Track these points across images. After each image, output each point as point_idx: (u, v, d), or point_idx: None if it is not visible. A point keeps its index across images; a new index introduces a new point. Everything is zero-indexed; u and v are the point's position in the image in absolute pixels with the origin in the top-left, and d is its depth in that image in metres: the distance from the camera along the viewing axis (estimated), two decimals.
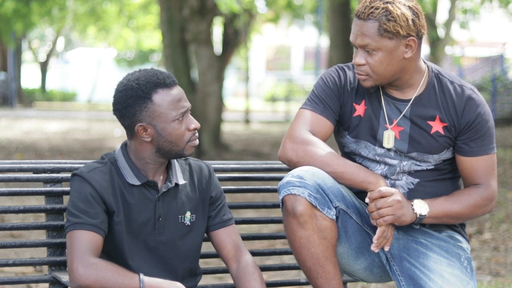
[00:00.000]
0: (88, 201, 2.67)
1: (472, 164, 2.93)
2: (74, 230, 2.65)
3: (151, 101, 2.70)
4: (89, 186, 2.69)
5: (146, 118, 2.71)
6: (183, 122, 2.73)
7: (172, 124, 2.71)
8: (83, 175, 2.71)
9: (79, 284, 2.59)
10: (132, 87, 2.71)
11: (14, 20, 20.12)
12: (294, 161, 2.89)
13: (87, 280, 2.58)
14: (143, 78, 2.72)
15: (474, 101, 2.92)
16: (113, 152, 2.83)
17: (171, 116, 2.71)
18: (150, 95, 2.70)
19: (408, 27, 2.82)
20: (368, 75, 2.88)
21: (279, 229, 6.27)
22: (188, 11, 12.97)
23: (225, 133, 15.95)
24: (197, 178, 2.89)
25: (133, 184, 2.75)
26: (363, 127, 2.96)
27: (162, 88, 2.71)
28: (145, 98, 2.70)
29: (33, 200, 7.55)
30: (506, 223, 7.59)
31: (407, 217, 2.82)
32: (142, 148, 2.76)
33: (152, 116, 2.70)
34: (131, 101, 2.71)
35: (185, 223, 2.83)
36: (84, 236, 2.64)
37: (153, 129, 2.72)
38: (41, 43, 42.40)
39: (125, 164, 2.76)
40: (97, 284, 2.58)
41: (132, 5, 24.34)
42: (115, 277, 2.59)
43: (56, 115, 25.17)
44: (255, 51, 38.65)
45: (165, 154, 2.75)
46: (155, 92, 2.70)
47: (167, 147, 2.73)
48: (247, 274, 2.82)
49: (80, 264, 2.60)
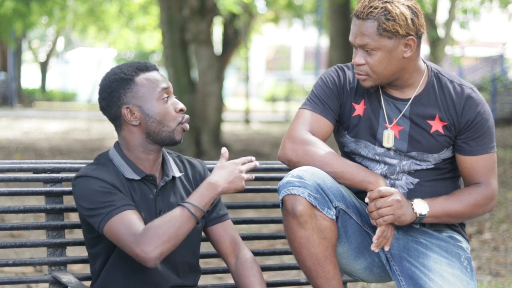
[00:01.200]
0: (106, 192, 2.68)
1: (472, 163, 2.93)
2: (114, 217, 2.64)
3: (134, 82, 2.76)
4: (99, 180, 2.69)
5: (131, 99, 2.76)
6: (168, 102, 2.78)
7: (157, 103, 2.75)
8: (88, 174, 2.71)
9: (154, 262, 2.61)
10: (114, 73, 2.80)
11: (14, 20, 20.11)
12: (294, 161, 2.89)
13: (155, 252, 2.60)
14: (124, 65, 2.81)
15: (473, 100, 2.92)
16: (107, 153, 2.83)
17: (154, 94, 2.76)
18: (132, 77, 2.76)
19: (407, 27, 2.82)
20: (368, 75, 2.88)
21: (279, 229, 6.27)
22: (188, 11, 12.97)
23: (225, 133, 15.96)
24: (191, 173, 2.91)
25: (132, 179, 2.76)
26: (362, 126, 2.96)
27: (143, 71, 2.78)
28: (127, 80, 2.76)
29: (33, 200, 7.56)
30: (506, 223, 7.59)
31: (407, 217, 2.82)
32: (132, 136, 2.78)
33: (136, 96, 2.75)
34: (115, 84, 2.77)
35: None
36: (127, 215, 2.65)
37: (139, 110, 2.75)
38: (41, 43, 42.40)
39: (121, 161, 2.78)
40: (165, 245, 2.61)
41: (132, 5, 24.33)
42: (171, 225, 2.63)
43: (56, 115, 25.17)
44: (255, 51, 38.63)
45: (155, 138, 2.76)
46: (136, 74, 2.77)
47: (156, 129, 2.75)
48: (246, 269, 2.84)
49: (142, 245, 2.59)
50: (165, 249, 2.61)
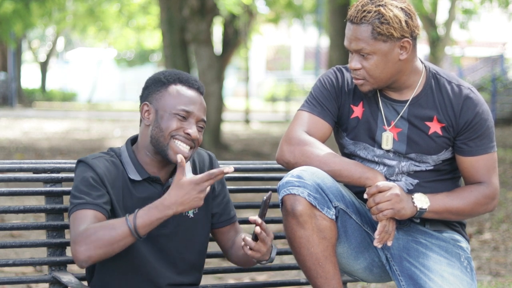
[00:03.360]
0: (90, 184, 2.69)
1: (472, 164, 2.93)
2: (76, 211, 2.65)
3: (166, 88, 2.78)
4: (92, 170, 2.71)
5: (153, 100, 2.78)
6: (182, 123, 2.74)
7: (170, 116, 2.74)
8: (87, 161, 2.74)
9: (81, 264, 2.59)
10: (158, 74, 2.84)
11: (13, 20, 20.10)
12: (292, 162, 2.90)
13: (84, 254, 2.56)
14: (170, 72, 2.83)
15: (472, 101, 2.91)
16: (119, 148, 2.85)
17: (174, 108, 2.74)
18: (168, 84, 2.78)
19: (401, 29, 2.82)
20: (365, 79, 2.88)
21: (279, 229, 6.26)
22: (188, 11, 12.97)
23: (225, 133, 15.96)
24: (199, 167, 2.91)
25: (134, 179, 2.77)
26: (361, 129, 2.96)
27: (183, 84, 2.79)
28: (163, 84, 2.79)
29: (33, 200, 7.55)
30: (506, 223, 7.59)
31: (407, 211, 2.81)
32: (143, 134, 2.80)
33: (159, 100, 2.77)
34: (151, 82, 2.82)
35: (189, 216, 2.84)
36: (86, 214, 2.64)
37: (154, 113, 2.76)
38: (41, 43, 42.40)
39: (128, 159, 2.79)
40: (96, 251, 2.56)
41: (132, 5, 24.33)
42: (106, 233, 2.56)
43: (56, 115, 25.16)
44: (255, 51, 38.65)
45: (154, 143, 2.75)
46: (174, 83, 2.78)
47: (156, 135, 2.74)
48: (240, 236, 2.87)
49: (76, 243, 2.57)
50: (94, 255, 2.57)
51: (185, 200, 2.56)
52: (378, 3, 2.81)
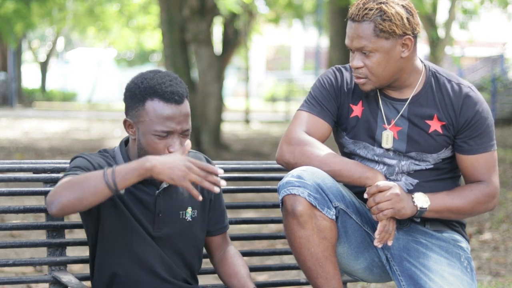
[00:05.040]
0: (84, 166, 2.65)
1: (472, 162, 2.93)
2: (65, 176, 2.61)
3: (142, 105, 2.67)
4: (88, 162, 2.68)
5: (133, 117, 2.70)
6: (164, 141, 2.66)
7: (151, 136, 2.66)
8: (83, 155, 2.72)
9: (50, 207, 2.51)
10: (136, 83, 2.70)
11: (14, 20, 20.11)
12: (291, 162, 2.89)
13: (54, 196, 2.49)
14: (148, 81, 2.68)
15: (471, 99, 2.92)
16: (113, 149, 2.83)
17: (152, 128, 2.65)
18: (143, 100, 2.67)
19: (403, 26, 2.82)
20: (367, 78, 2.87)
21: (279, 229, 6.27)
22: (188, 11, 12.97)
23: (225, 133, 15.95)
24: None
25: None
26: (361, 128, 2.96)
27: (160, 99, 2.65)
28: (138, 100, 2.68)
29: (33, 200, 7.55)
30: (506, 223, 7.59)
31: (407, 210, 2.81)
32: (132, 144, 2.78)
33: (138, 119, 2.69)
34: (128, 95, 2.71)
35: (186, 219, 2.83)
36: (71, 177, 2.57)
37: (136, 130, 2.71)
38: (41, 43, 42.40)
39: (122, 161, 2.77)
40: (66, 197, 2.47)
41: (132, 5, 24.33)
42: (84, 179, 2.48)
43: (56, 115, 25.16)
44: (255, 51, 38.64)
45: None
46: (151, 99, 2.66)
47: (142, 153, 2.70)
48: (235, 259, 2.86)
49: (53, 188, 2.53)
50: (66, 202, 2.47)
51: (168, 163, 2.45)
52: (380, 1, 2.82)
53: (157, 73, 2.72)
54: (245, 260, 2.92)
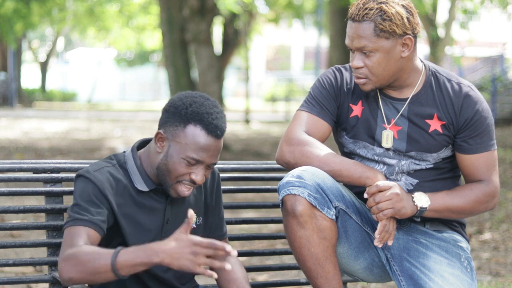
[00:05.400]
0: (90, 200, 2.64)
1: (472, 162, 2.93)
2: (71, 226, 2.60)
3: (184, 127, 2.65)
4: (93, 185, 2.65)
5: (169, 132, 2.67)
6: (191, 168, 2.67)
7: (180, 160, 2.65)
8: (88, 175, 2.67)
9: (63, 282, 2.51)
10: (184, 103, 2.67)
11: (14, 20, 20.10)
12: (291, 163, 2.90)
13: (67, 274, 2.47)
14: (198, 107, 2.67)
15: (471, 98, 2.92)
16: (123, 153, 2.80)
17: (186, 153, 2.65)
18: (187, 122, 2.65)
19: (403, 26, 2.82)
20: (367, 78, 2.88)
21: (279, 229, 6.26)
22: (188, 11, 12.97)
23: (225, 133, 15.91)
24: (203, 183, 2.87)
25: (141, 190, 2.73)
26: (360, 127, 2.96)
27: (202, 128, 2.65)
28: (182, 120, 2.66)
29: (33, 200, 7.56)
30: (506, 223, 7.59)
31: (408, 210, 2.81)
32: (155, 154, 2.72)
33: (174, 137, 2.66)
34: (172, 111, 2.68)
35: (192, 226, 2.82)
36: (80, 231, 2.58)
37: (167, 146, 2.68)
38: (41, 43, 42.40)
39: (134, 168, 2.74)
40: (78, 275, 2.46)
41: (132, 5, 24.34)
42: (91, 261, 2.46)
43: (56, 115, 25.16)
44: (255, 51, 38.65)
45: (160, 174, 2.70)
46: (194, 124, 2.65)
47: (163, 170, 2.68)
48: (234, 273, 2.83)
49: (63, 260, 2.50)
50: (75, 278, 2.48)
51: (175, 254, 2.36)
52: (380, 1, 2.82)
53: (207, 99, 2.70)
54: (245, 260, 2.92)
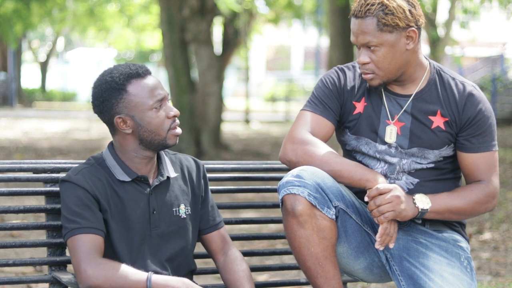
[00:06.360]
0: (81, 204, 2.68)
1: (473, 161, 2.93)
2: (73, 236, 2.66)
3: (126, 92, 2.74)
4: (80, 188, 2.70)
5: (124, 109, 2.74)
6: (161, 110, 2.76)
7: (149, 113, 2.74)
8: (72, 180, 2.72)
9: (89, 285, 2.60)
10: (106, 81, 2.76)
11: (14, 20, 20.10)
12: (294, 161, 2.90)
13: (97, 280, 2.59)
14: (116, 71, 2.76)
15: (475, 98, 2.93)
16: (101, 154, 2.84)
17: (147, 104, 2.73)
18: (124, 86, 2.73)
19: (406, 18, 2.84)
20: (374, 73, 2.89)
21: (279, 229, 6.26)
22: (188, 11, 12.96)
23: (225, 133, 15.95)
24: (187, 172, 2.92)
25: (123, 180, 2.77)
26: (363, 123, 2.97)
27: (136, 78, 2.75)
28: (120, 89, 2.73)
29: (33, 200, 7.55)
30: (506, 223, 7.59)
31: (409, 212, 2.81)
32: (125, 141, 2.78)
33: (129, 107, 2.74)
34: (107, 94, 2.75)
35: (180, 216, 2.84)
36: (85, 239, 2.65)
37: (132, 120, 2.74)
38: (41, 43, 42.39)
39: (113, 162, 2.79)
40: (107, 283, 2.59)
41: (132, 5, 24.32)
42: (124, 275, 2.60)
43: (56, 115, 25.16)
44: (255, 51, 38.64)
45: (148, 145, 2.77)
46: (129, 83, 2.74)
47: (149, 137, 2.75)
48: (236, 265, 2.85)
49: (88, 265, 2.60)
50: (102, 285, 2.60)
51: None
52: None
53: (110, 67, 2.80)
54: (245, 260, 2.92)
